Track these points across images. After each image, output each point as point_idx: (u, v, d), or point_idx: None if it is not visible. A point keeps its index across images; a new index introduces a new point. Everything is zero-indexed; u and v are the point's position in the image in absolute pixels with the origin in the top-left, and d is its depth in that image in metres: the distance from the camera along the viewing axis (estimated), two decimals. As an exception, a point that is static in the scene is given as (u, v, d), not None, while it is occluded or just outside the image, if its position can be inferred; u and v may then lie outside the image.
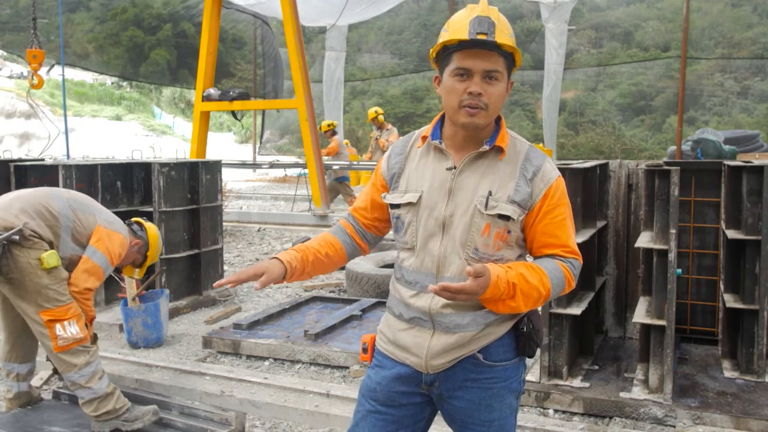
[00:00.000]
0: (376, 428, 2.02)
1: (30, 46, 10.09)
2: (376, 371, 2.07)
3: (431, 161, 1.99)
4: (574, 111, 27.27)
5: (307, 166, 11.30)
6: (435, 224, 1.93)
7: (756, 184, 4.02)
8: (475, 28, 1.83)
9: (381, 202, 2.08)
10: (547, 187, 1.94)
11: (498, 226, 1.90)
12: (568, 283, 1.96)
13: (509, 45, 1.87)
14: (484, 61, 1.86)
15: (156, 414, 3.54)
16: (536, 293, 1.87)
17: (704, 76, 24.94)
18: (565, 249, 1.96)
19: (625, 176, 4.84)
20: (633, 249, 4.62)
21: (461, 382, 1.96)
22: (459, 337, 1.93)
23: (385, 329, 2.08)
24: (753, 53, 24.61)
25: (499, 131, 1.96)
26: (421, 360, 1.96)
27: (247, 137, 28.86)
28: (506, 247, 1.93)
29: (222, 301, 6.33)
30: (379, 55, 30.40)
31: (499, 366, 1.97)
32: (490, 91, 1.87)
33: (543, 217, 1.93)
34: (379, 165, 2.11)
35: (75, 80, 37.95)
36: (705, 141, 13.23)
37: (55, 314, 3.37)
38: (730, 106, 25.08)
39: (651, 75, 26.57)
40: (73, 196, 3.70)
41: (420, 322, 1.96)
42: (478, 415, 1.97)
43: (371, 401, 2.04)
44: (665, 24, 28.94)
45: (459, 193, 1.92)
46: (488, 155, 1.94)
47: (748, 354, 4.08)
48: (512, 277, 1.84)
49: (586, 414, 3.75)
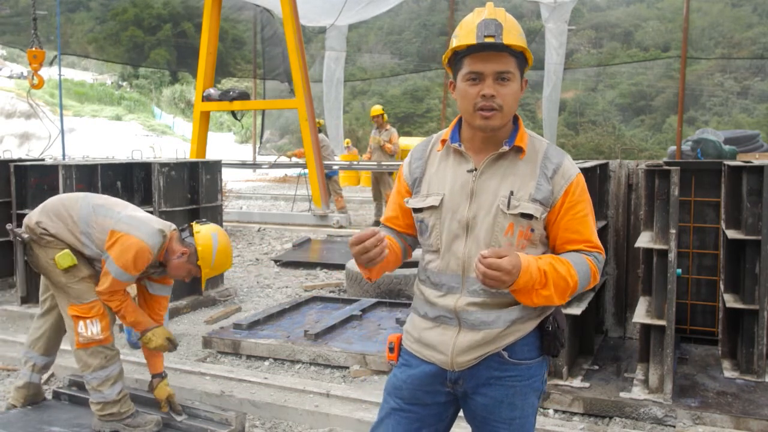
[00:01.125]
0: (400, 426, 2.04)
1: (30, 46, 10.09)
2: (403, 370, 2.08)
3: (451, 164, 2.01)
4: (574, 111, 27.29)
5: (307, 166, 11.30)
6: (459, 226, 1.95)
7: (756, 184, 4.02)
8: (483, 32, 1.86)
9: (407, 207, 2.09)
10: (568, 183, 1.96)
11: (521, 225, 1.92)
12: (594, 276, 1.98)
13: (518, 45, 1.88)
14: (494, 64, 1.88)
15: (158, 425, 3.54)
16: (565, 283, 1.88)
17: (704, 76, 24.97)
18: (588, 244, 1.98)
19: (625, 176, 4.84)
20: (633, 249, 4.62)
21: (485, 380, 1.98)
22: (485, 334, 1.94)
23: (411, 329, 2.09)
24: (753, 53, 24.63)
25: (517, 131, 1.99)
26: (446, 357, 1.98)
27: (247, 137, 28.87)
28: (530, 245, 1.95)
29: (222, 301, 6.33)
30: (379, 55, 30.41)
31: (524, 364, 1.98)
32: (503, 92, 1.89)
33: (565, 213, 1.95)
34: (401, 171, 2.13)
35: (75, 80, 37.97)
36: (705, 141, 13.22)
37: (80, 311, 3.43)
38: (730, 106, 25.11)
39: (651, 75, 26.60)
40: (102, 202, 3.63)
41: (446, 320, 1.98)
42: (499, 413, 1.99)
43: (396, 399, 2.06)
44: (665, 24, 28.96)
45: (481, 195, 1.94)
46: (508, 155, 1.97)
47: (748, 354, 4.08)
48: (542, 265, 1.86)
49: (586, 414, 3.75)
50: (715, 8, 28.40)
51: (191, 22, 30.60)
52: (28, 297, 5.74)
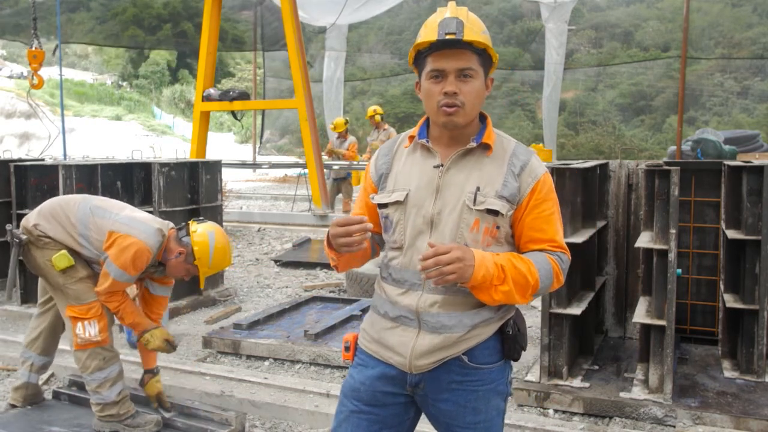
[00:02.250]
0: (360, 428, 2.00)
1: (30, 46, 10.09)
2: (359, 370, 2.05)
3: (418, 160, 2.00)
4: (574, 111, 27.27)
5: (307, 166, 11.30)
6: (423, 222, 1.93)
7: (756, 184, 4.02)
8: (444, 29, 1.85)
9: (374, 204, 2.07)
10: (535, 181, 1.94)
11: (487, 221, 1.90)
12: (557, 277, 1.96)
13: (479, 41, 1.87)
14: (456, 61, 1.87)
15: (158, 425, 3.54)
16: (525, 280, 1.86)
17: (704, 76, 24.96)
18: (552, 243, 1.96)
19: (625, 176, 4.84)
20: (633, 249, 4.62)
21: (446, 384, 1.95)
22: (444, 338, 1.92)
23: (369, 328, 2.06)
24: (753, 53, 24.62)
25: (485, 129, 1.98)
26: (405, 360, 1.95)
27: (247, 137, 28.86)
28: (495, 243, 1.93)
29: (222, 301, 6.33)
30: (379, 55, 30.40)
31: (485, 368, 1.96)
32: (465, 89, 1.88)
33: (530, 211, 1.94)
34: (367, 169, 2.11)
35: (75, 80, 37.97)
36: (705, 141, 13.21)
37: (78, 312, 3.43)
38: (730, 106, 25.09)
39: (651, 75, 26.59)
40: (99, 204, 3.62)
41: (406, 321, 1.95)
42: (463, 418, 1.96)
43: (354, 401, 2.02)
44: (665, 24, 28.94)
45: (446, 190, 1.93)
46: (475, 152, 1.96)
47: (748, 354, 4.08)
48: (499, 260, 1.85)
49: (586, 414, 3.75)
50: (715, 8, 28.39)
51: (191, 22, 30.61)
52: (27, 297, 5.75)
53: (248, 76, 22.21)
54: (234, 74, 34.14)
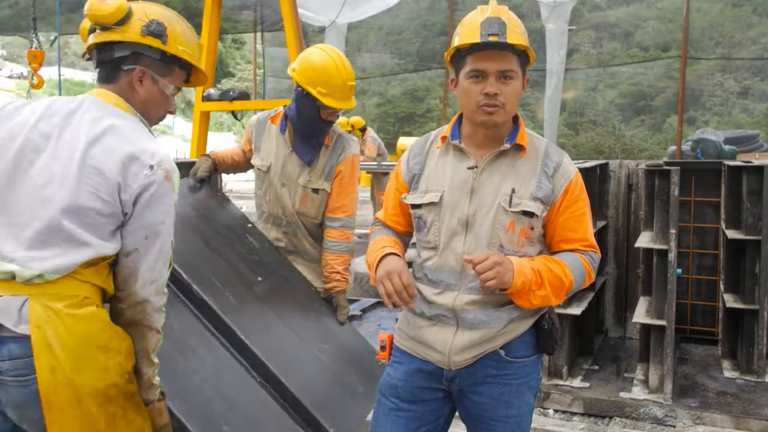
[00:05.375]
0: (399, 426, 2.02)
1: (30, 47, 10.08)
2: (395, 368, 2.07)
3: (451, 161, 2.01)
4: (574, 111, 27.27)
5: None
6: (458, 223, 1.95)
7: (756, 184, 4.02)
8: (487, 30, 1.86)
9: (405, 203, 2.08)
10: (568, 182, 1.97)
11: (522, 222, 1.92)
12: (588, 275, 1.99)
13: (521, 44, 1.89)
14: (497, 62, 1.88)
15: None
16: (560, 283, 1.90)
17: (704, 76, 24.95)
18: (583, 243, 1.99)
19: (625, 176, 4.84)
20: (633, 249, 4.62)
21: (482, 378, 1.98)
22: (483, 333, 1.94)
23: (405, 326, 2.08)
24: (753, 53, 24.61)
25: (518, 130, 1.99)
26: (443, 356, 1.97)
27: (247, 137, 28.79)
28: (529, 243, 1.96)
29: (222, 301, 6.31)
30: (379, 55, 30.37)
31: (519, 362, 1.99)
32: (506, 90, 1.90)
33: (563, 212, 1.96)
34: (398, 168, 2.12)
35: (75, 80, 37.97)
36: (705, 141, 13.20)
37: None
38: (730, 106, 25.09)
39: (651, 75, 26.58)
40: None
41: (444, 319, 1.97)
42: (496, 411, 1.98)
43: (392, 398, 2.05)
44: (665, 24, 28.93)
45: (481, 192, 1.94)
46: (509, 153, 1.97)
47: (748, 354, 4.08)
48: (536, 266, 1.88)
49: (586, 414, 3.75)
50: (715, 8, 28.37)
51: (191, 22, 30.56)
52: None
53: (248, 76, 22.23)
54: (234, 74, 34.17)
